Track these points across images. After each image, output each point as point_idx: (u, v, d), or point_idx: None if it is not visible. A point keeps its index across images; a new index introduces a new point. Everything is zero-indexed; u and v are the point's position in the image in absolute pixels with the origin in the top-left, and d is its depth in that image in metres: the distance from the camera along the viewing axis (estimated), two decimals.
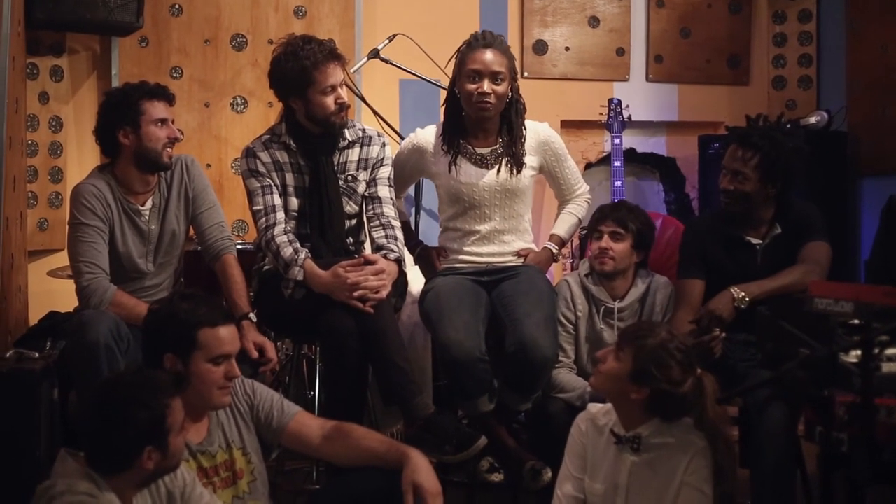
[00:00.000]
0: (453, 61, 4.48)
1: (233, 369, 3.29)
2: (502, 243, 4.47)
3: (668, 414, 3.38)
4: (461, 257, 4.47)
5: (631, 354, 3.36)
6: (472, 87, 4.33)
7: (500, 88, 4.33)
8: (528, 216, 4.56)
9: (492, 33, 4.41)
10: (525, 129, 4.46)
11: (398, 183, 4.57)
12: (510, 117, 4.42)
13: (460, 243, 4.47)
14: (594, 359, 4.22)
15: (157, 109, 4.18)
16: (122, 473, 2.83)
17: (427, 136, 4.53)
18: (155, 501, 3.00)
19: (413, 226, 5.31)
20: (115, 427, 2.82)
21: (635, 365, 3.34)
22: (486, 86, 4.30)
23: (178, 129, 4.29)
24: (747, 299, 4.08)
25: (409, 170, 4.60)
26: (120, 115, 4.18)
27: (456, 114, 4.44)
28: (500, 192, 4.41)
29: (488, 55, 4.32)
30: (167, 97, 4.24)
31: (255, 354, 4.02)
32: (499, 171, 4.40)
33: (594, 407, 3.59)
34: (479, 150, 4.42)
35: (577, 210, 4.68)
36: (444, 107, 4.52)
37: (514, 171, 4.40)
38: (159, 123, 4.17)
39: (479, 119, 4.39)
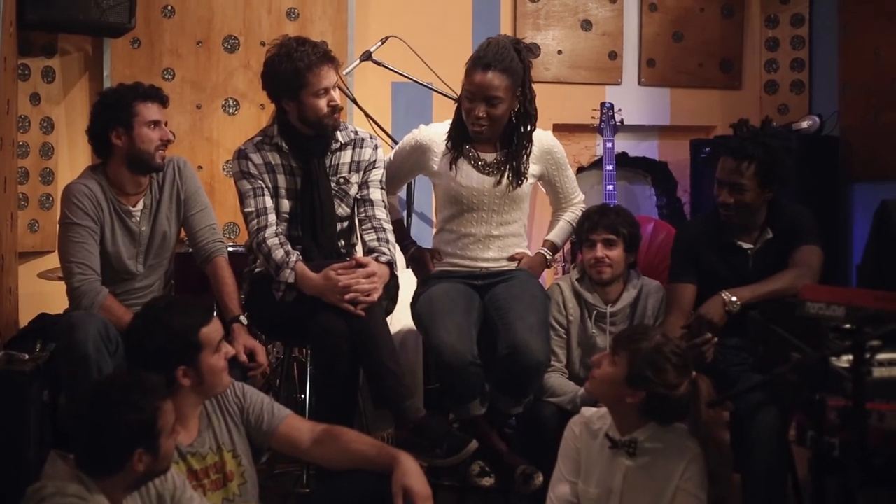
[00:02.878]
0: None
1: (228, 348, 3.37)
2: (497, 248, 4.46)
3: (664, 417, 3.39)
4: (455, 260, 4.46)
5: (626, 359, 3.36)
6: (467, 106, 4.31)
7: (497, 111, 4.27)
8: (524, 221, 4.55)
9: (500, 45, 4.30)
10: (531, 141, 4.43)
11: (394, 179, 4.56)
12: (518, 129, 4.38)
13: (455, 246, 4.46)
14: (586, 363, 4.24)
15: (151, 111, 4.17)
16: (113, 476, 2.82)
17: (431, 133, 4.49)
18: (143, 501, 2.99)
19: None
20: (105, 429, 2.81)
21: (631, 369, 3.34)
22: (480, 109, 4.26)
23: (171, 131, 4.27)
24: (738, 303, 4.08)
25: (408, 166, 4.58)
26: (113, 115, 4.17)
27: (462, 119, 4.42)
28: (499, 197, 4.39)
29: (485, 78, 4.23)
30: (161, 99, 4.23)
31: (244, 359, 4.00)
32: (500, 179, 4.37)
33: (588, 411, 3.60)
34: (483, 156, 4.40)
35: (572, 217, 4.67)
36: (456, 105, 4.49)
37: (515, 185, 4.38)
38: (152, 125, 4.16)
39: (473, 136, 4.38)
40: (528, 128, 4.40)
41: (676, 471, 3.38)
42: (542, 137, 4.49)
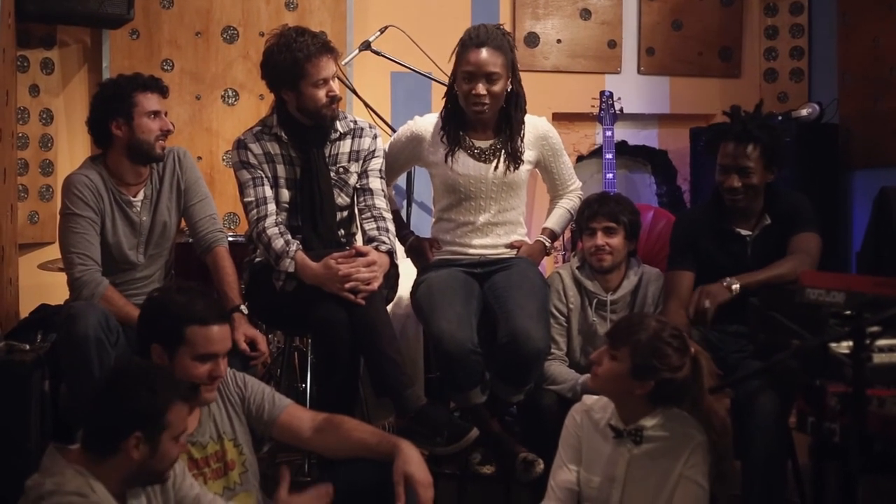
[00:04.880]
0: (446, 54, 4.45)
1: (217, 369, 3.27)
2: (496, 235, 4.46)
3: (672, 400, 3.40)
4: (454, 248, 4.46)
5: (628, 352, 3.36)
6: (466, 87, 4.30)
7: (496, 88, 4.29)
8: (522, 209, 4.55)
9: (487, 28, 4.34)
10: (524, 123, 4.44)
11: (391, 170, 4.56)
12: (510, 112, 4.39)
13: (453, 234, 4.46)
14: (587, 351, 4.24)
15: (151, 101, 4.17)
16: (109, 459, 2.80)
17: (426, 124, 4.50)
18: (148, 494, 2.98)
19: (405, 218, 5.29)
20: (114, 401, 2.81)
21: (635, 361, 3.34)
22: (481, 87, 4.27)
23: (171, 122, 4.26)
24: (737, 285, 4.07)
25: (404, 157, 4.59)
26: (113, 106, 4.17)
27: (456, 107, 4.42)
28: (496, 184, 4.40)
29: (482, 55, 4.26)
30: (160, 89, 4.22)
31: (244, 347, 4.00)
32: (496, 165, 4.38)
33: (589, 398, 3.60)
34: (477, 144, 4.40)
35: (570, 205, 4.67)
36: (444, 99, 4.49)
37: (512, 168, 4.38)
38: (152, 115, 4.16)
39: (475, 118, 4.38)
40: (520, 110, 4.41)
41: (680, 458, 3.38)
42: (538, 123, 4.50)
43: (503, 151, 4.39)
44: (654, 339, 3.35)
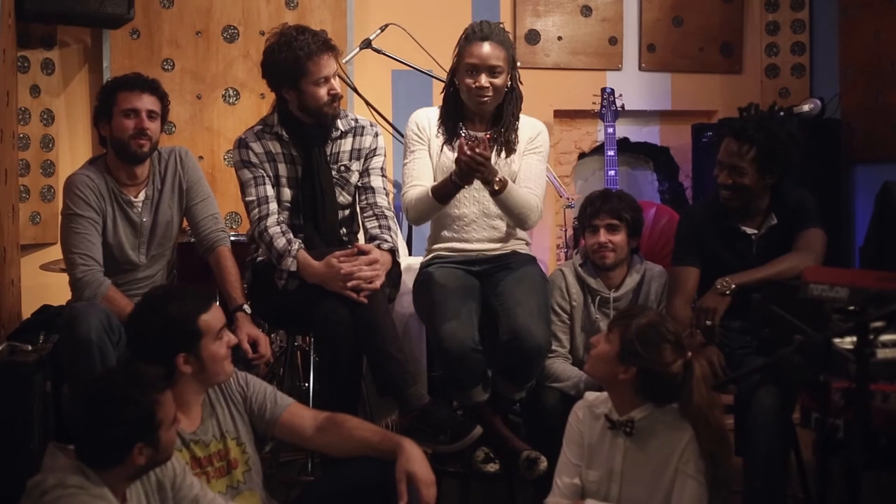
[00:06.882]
0: (447, 51, 4.44)
1: (230, 337, 3.36)
2: (491, 229, 4.43)
3: (657, 396, 3.39)
4: (453, 245, 4.43)
5: (619, 335, 3.39)
6: (469, 80, 4.30)
7: (498, 81, 4.29)
8: None
9: (489, 24, 4.35)
10: (519, 118, 4.43)
11: (425, 168, 4.41)
12: (504, 106, 4.39)
13: (451, 229, 4.44)
14: (589, 347, 4.23)
15: (128, 100, 4.16)
16: (114, 468, 2.81)
17: (429, 113, 4.50)
18: (146, 491, 2.98)
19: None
20: (104, 425, 2.79)
21: (622, 344, 3.37)
22: (484, 80, 4.27)
23: (147, 118, 4.17)
24: (733, 285, 4.07)
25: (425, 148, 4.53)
26: (100, 107, 4.20)
27: (454, 100, 4.41)
28: None
29: (485, 49, 4.26)
30: (142, 86, 4.20)
31: (247, 347, 3.98)
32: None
33: (591, 395, 3.61)
34: (473, 135, 4.38)
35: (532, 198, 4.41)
36: (443, 93, 4.48)
37: (504, 155, 4.36)
38: (130, 114, 4.15)
39: (477, 110, 4.37)
40: (514, 106, 4.41)
41: (675, 451, 3.38)
42: (535, 124, 4.50)
43: (498, 142, 4.38)
44: (647, 327, 3.37)
